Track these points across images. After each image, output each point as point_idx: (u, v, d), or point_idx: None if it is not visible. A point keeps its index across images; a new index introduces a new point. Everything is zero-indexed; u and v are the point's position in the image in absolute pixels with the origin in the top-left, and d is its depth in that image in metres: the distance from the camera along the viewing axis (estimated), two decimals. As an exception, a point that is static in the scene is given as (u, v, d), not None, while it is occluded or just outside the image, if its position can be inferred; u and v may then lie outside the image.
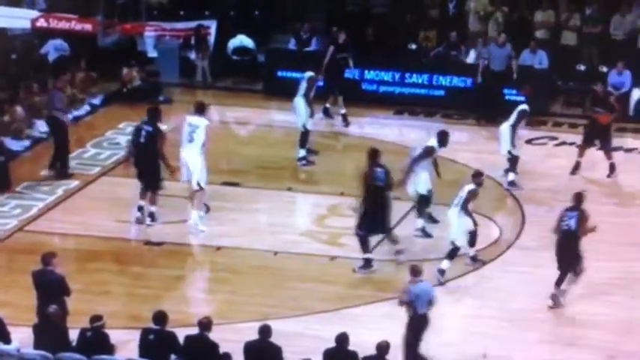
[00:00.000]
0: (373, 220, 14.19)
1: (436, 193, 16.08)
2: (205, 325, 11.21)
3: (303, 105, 17.79)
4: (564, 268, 13.44)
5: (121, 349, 11.61)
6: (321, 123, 19.69)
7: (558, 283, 13.50)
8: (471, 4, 22.09)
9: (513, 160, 17.10)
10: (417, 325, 11.78)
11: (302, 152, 17.83)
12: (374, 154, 14.40)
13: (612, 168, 17.55)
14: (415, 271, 12.00)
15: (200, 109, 15.48)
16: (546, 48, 21.04)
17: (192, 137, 15.23)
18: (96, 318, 11.36)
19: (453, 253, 14.11)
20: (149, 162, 15.34)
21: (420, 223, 15.28)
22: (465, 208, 13.99)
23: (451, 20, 22.35)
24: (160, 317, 11.31)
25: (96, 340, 11.24)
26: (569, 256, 13.37)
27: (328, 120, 19.98)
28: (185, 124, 15.41)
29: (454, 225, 14.08)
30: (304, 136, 17.85)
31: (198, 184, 15.28)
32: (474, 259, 14.59)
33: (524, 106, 17.18)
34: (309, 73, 18.06)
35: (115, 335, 11.59)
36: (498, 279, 14.32)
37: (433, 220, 15.48)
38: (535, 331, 12.96)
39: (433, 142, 15.44)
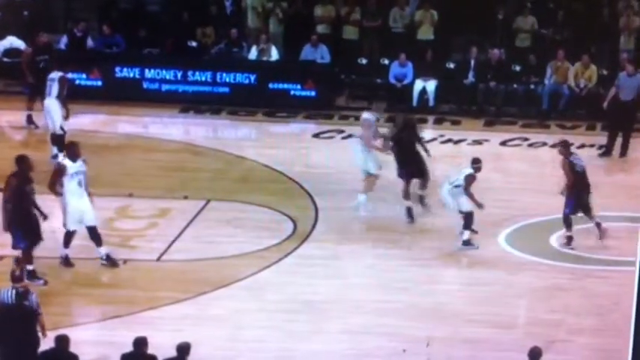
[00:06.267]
0: None
1: (224, 190, 15.67)
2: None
3: (58, 106, 17.44)
4: None
5: None
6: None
7: None
8: (247, 0, 21.92)
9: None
10: None
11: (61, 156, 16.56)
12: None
13: None
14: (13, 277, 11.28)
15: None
16: (328, 42, 21.17)
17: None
18: None
19: (467, 222, 14.84)
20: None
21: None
22: (466, 192, 14.79)
23: (229, 17, 22.11)
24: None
25: None
26: None
27: None
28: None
29: (448, 200, 14.95)
30: (60, 138, 17.28)
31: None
32: (466, 242, 14.90)
33: None
34: (59, 73, 17.69)
35: None
36: (295, 273, 14.25)
37: None
38: (334, 322, 12.94)
39: None
